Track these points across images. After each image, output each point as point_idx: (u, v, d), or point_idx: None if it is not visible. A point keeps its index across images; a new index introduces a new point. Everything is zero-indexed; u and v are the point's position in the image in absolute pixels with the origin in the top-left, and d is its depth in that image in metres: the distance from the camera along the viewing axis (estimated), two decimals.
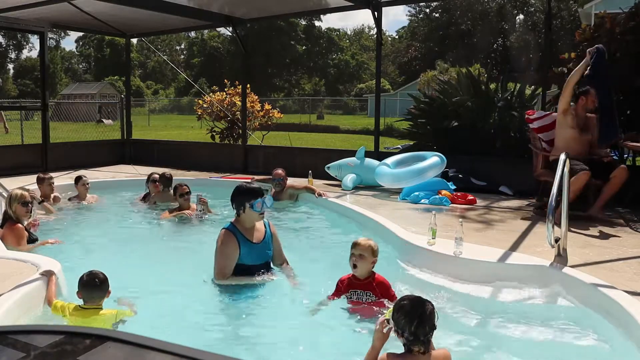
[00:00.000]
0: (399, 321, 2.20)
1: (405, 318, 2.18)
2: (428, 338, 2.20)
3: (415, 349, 2.19)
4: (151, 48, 36.46)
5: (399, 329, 2.20)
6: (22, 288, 3.15)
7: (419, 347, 2.18)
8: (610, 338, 2.94)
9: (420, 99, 9.48)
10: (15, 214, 4.71)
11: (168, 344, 0.85)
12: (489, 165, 7.67)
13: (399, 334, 2.21)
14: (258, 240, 3.79)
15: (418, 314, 2.18)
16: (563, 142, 5.67)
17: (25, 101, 34.56)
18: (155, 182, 6.83)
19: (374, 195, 7.08)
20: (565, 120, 5.72)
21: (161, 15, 9.09)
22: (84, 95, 48.76)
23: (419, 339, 2.16)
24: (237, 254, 3.66)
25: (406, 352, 2.22)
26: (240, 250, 3.67)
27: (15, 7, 8.46)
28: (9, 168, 8.67)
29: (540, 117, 6.24)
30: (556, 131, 5.85)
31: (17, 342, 0.88)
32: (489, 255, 4.07)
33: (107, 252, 4.72)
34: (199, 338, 2.96)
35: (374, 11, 8.34)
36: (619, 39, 6.70)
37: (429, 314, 2.20)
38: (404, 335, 2.18)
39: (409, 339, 2.18)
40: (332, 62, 66.16)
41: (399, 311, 2.22)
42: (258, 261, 3.74)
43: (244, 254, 3.68)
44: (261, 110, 13.17)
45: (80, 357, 0.83)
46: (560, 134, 5.78)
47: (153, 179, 6.88)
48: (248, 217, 3.76)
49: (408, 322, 2.17)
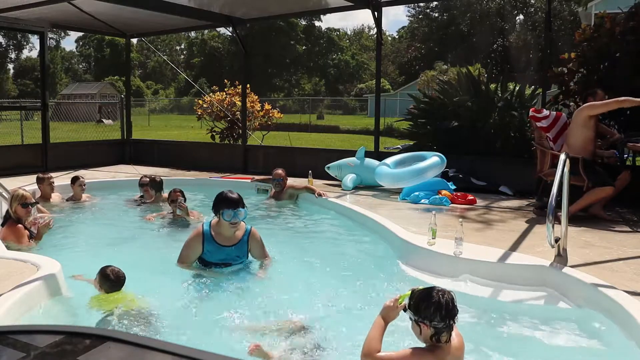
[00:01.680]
0: (426, 311, 2.19)
1: (433, 306, 2.18)
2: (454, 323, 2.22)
3: (443, 339, 2.19)
4: (151, 48, 36.47)
5: (427, 319, 2.19)
6: (22, 288, 3.15)
7: (446, 336, 2.19)
8: (610, 338, 2.94)
9: (420, 99, 9.48)
10: (16, 214, 4.71)
11: (168, 344, 0.85)
12: (489, 165, 7.67)
13: (427, 325, 2.19)
14: (228, 243, 3.96)
15: (444, 300, 2.19)
16: (582, 142, 5.61)
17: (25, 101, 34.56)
18: (144, 186, 6.79)
19: (374, 195, 7.08)
20: (590, 122, 5.61)
21: (161, 15, 9.09)
22: (84, 95, 48.76)
23: (450, 325, 2.18)
24: (199, 251, 3.93)
25: (433, 344, 2.22)
26: (203, 248, 3.92)
27: (15, 7, 8.46)
28: (9, 168, 8.66)
29: (548, 115, 6.17)
30: (574, 130, 5.71)
31: (17, 342, 0.88)
32: (489, 255, 4.07)
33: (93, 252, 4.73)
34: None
35: (374, 11, 8.34)
36: (619, 39, 6.70)
37: (453, 300, 2.23)
38: (432, 324, 2.18)
39: (438, 327, 2.18)
40: (332, 62, 66.17)
41: (424, 301, 2.21)
42: (222, 261, 3.95)
43: (208, 252, 3.93)
44: (261, 110, 13.17)
45: (80, 357, 0.83)
46: (580, 134, 5.65)
47: (142, 183, 6.83)
48: (222, 222, 3.93)
49: (437, 309, 2.17)
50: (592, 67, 6.98)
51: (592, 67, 6.98)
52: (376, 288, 3.99)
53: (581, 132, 5.67)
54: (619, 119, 7.00)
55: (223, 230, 3.92)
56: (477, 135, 8.06)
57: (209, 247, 3.90)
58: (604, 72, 6.89)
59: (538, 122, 6.21)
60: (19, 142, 13.70)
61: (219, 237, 3.92)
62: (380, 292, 3.89)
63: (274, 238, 5.38)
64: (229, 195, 3.93)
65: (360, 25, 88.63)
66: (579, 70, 7.09)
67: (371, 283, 4.08)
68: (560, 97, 7.48)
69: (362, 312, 3.47)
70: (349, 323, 3.23)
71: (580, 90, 7.08)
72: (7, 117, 19.97)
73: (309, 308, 3.35)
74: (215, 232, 3.93)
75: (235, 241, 3.96)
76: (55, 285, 3.41)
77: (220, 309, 3.27)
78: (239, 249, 3.97)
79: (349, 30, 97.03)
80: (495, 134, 8.02)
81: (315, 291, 3.79)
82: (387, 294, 3.84)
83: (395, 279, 4.10)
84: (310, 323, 3.07)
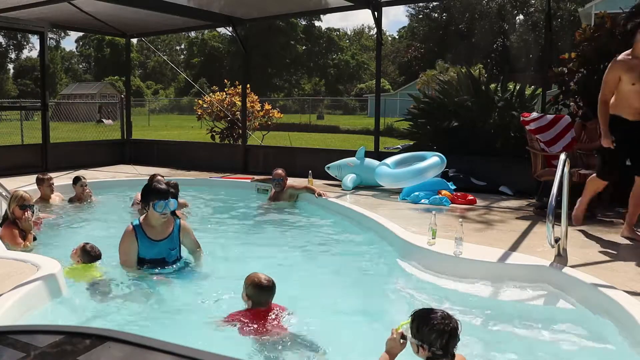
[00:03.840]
0: (427, 335, 2.12)
1: (435, 332, 2.11)
2: (454, 352, 2.15)
3: None
4: (151, 48, 36.46)
5: (425, 343, 2.13)
6: (22, 288, 3.15)
7: None
8: (610, 338, 2.94)
9: (420, 99, 9.48)
10: (13, 215, 4.71)
11: (168, 344, 0.85)
12: (489, 165, 7.67)
13: (424, 349, 2.13)
14: (160, 237, 4.00)
15: (449, 328, 2.12)
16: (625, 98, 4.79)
17: (25, 101, 34.51)
18: None
19: (374, 195, 7.07)
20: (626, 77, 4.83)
21: (161, 15, 9.09)
22: (84, 95, 48.75)
23: (449, 352, 2.12)
24: (134, 248, 3.95)
25: None
26: (138, 245, 3.95)
27: (15, 7, 8.46)
28: (9, 168, 8.65)
29: (536, 118, 6.27)
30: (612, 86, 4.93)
31: (17, 342, 0.88)
32: (489, 255, 4.07)
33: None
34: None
35: (374, 11, 8.34)
36: (619, 39, 6.69)
37: (457, 329, 2.15)
38: (431, 349, 2.12)
39: (437, 354, 2.11)
40: (332, 62, 66.17)
41: (427, 325, 2.14)
42: (158, 256, 3.98)
43: (142, 249, 3.95)
44: (261, 110, 13.17)
45: (80, 357, 0.83)
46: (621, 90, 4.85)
47: None
48: (152, 215, 3.96)
49: (439, 336, 2.10)
50: (592, 67, 6.98)
51: (592, 67, 6.98)
52: (376, 288, 4.00)
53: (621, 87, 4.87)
54: None
55: (153, 222, 3.97)
56: (477, 135, 8.05)
57: (142, 242, 3.95)
58: (604, 72, 6.88)
59: (527, 125, 6.29)
60: (19, 142, 13.70)
61: (150, 232, 3.98)
62: (380, 293, 3.90)
63: (273, 238, 5.40)
64: (158, 186, 4.01)
65: (360, 25, 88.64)
66: (579, 70, 7.09)
67: (371, 283, 4.09)
68: (560, 97, 7.48)
69: (362, 312, 3.47)
70: (349, 323, 3.23)
71: (580, 90, 7.08)
72: (7, 117, 19.99)
73: (308, 308, 3.35)
74: (146, 227, 3.98)
75: (166, 235, 4.03)
76: (55, 285, 3.40)
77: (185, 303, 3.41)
78: (171, 242, 4.04)
79: (349, 30, 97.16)
80: (495, 134, 8.01)
81: (315, 291, 3.79)
82: (387, 294, 3.85)
83: (395, 279, 4.10)
84: (308, 324, 3.06)
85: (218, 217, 6.44)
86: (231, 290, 3.40)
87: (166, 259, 4.01)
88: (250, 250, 4.89)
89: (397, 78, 56.48)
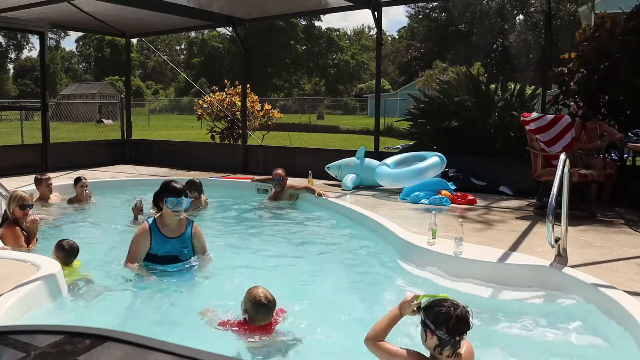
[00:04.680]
0: (435, 317, 2.12)
1: (443, 316, 2.11)
2: (460, 340, 2.14)
3: (445, 353, 2.12)
4: (151, 48, 36.46)
5: (431, 324, 2.13)
6: (22, 288, 3.15)
7: (450, 351, 2.12)
8: (610, 338, 2.94)
9: (420, 99, 9.48)
10: (13, 215, 4.70)
11: (168, 344, 0.85)
12: (489, 165, 7.67)
13: (431, 333, 2.13)
14: (173, 235, 4.05)
15: (456, 315, 2.12)
16: None
17: (25, 101, 34.52)
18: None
19: (374, 195, 7.07)
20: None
21: (161, 15, 9.09)
22: (84, 95, 48.73)
23: (454, 338, 2.10)
24: (145, 247, 3.98)
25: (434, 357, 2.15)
26: (151, 242, 3.99)
27: (15, 7, 8.46)
28: (9, 168, 8.66)
29: (536, 118, 6.26)
30: None
31: (17, 342, 0.88)
32: (489, 255, 4.07)
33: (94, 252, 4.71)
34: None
35: (374, 11, 8.34)
36: (619, 39, 6.69)
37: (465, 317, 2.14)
38: (436, 332, 2.11)
39: (442, 339, 2.11)
40: (332, 62, 66.15)
41: (437, 306, 2.15)
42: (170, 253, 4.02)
43: (155, 245, 3.99)
44: (261, 110, 13.17)
45: (80, 357, 0.83)
46: None
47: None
48: (166, 213, 4.03)
49: (445, 320, 2.10)
50: (592, 67, 6.98)
51: (592, 67, 6.98)
52: (376, 288, 4.00)
53: None
54: (619, 119, 7.00)
55: (167, 220, 4.03)
56: (477, 135, 8.06)
57: (156, 239, 4.00)
58: (604, 72, 6.89)
59: (527, 125, 6.30)
60: (19, 142, 13.70)
61: (164, 229, 4.03)
62: (380, 292, 3.90)
63: (273, 238, 5.40)
64: (173, 185, 4.08)
65: (360, 25, 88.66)
66: (579, 70, 7.09)
67: (371, 283, 4.09)
68: (560, 97, 7.49)
69: (362, 312, 3.47)
70: (349, 323, 3.23)
71: (580, 90, 7.08)
72: (7, 117, 19.99)
73: (308, 308, 3.35)
74: (160, 225, 4.04)
75: (179, 233, 4.08)
76: (55, 285, 3.40)
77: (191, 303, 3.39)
78: (183, 242, 4.08)
79: (349, 30, 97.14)
80: (495, 134, 8.02)
81: (315, 291, 3.79)
82: (387, 294, 3.85)
83: (395, 279, 4.10)
84: (308, 325, 3.06)
85: (218, 217, 6.44)
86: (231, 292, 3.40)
87: (179, 257, 4.05)
88: (250, 250, 4.89)
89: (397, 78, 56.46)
